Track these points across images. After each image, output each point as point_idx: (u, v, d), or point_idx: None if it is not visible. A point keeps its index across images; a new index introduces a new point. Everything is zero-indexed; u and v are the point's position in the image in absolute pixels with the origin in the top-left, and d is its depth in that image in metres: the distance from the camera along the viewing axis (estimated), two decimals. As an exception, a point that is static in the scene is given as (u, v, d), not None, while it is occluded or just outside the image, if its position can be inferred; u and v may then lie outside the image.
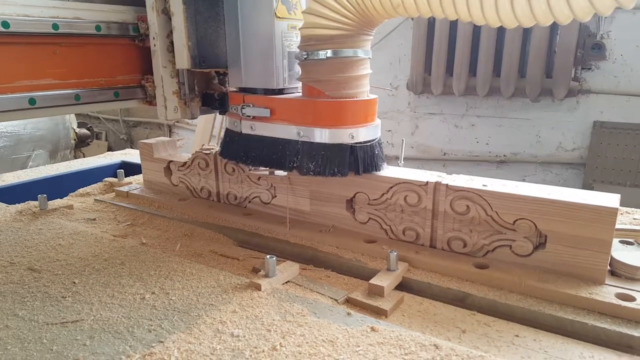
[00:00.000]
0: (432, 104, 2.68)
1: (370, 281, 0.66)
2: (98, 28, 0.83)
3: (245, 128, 0.84)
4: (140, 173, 1.20)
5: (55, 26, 0.78)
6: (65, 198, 1.13)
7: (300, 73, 0.79)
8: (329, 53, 0.72)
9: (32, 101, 0.79)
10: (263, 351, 0.52)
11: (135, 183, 1.18)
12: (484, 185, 0.70)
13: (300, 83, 0.81)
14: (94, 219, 0.98)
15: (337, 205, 0.84)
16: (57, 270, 0.73)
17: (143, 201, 1.06)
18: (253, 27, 0.79)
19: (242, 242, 0.87)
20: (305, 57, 0.75)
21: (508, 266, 0.68)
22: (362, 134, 0.76)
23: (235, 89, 0.88)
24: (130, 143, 4.66)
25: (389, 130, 2.86)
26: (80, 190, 1.18)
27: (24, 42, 0.77)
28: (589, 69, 2.27)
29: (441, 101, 2.66)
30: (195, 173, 1.02)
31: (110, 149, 4.60)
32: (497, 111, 2.56)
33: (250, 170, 0.93)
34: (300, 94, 0.81)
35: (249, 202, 0.96)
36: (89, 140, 3.42)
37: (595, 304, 0.60)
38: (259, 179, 0.92)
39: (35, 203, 1.01)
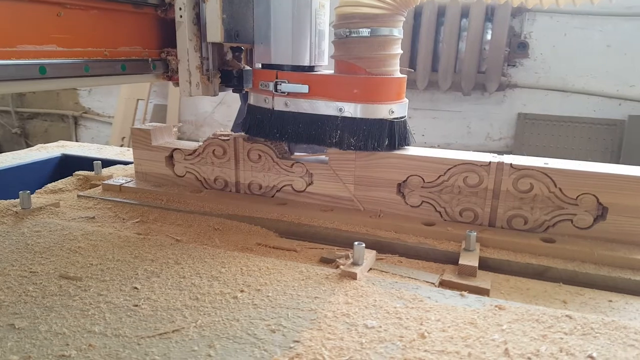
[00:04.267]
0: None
1: (460, 262, 0.66)
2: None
3: (279, 105, 0.81)
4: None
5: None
6: (33, 195, 0.95)
7: (333, 51, 0.79)
8: (371, 31, 0.74)
9: (42, 70, 0.65)
10: (414, 339, 0.48)
11: (118, 176, 1.04)
12: (545, 164, 0.74)
13: (327, 61, 0.82)
14: (94, 217, 0.84)
15: (387, 189, 0.82)
16: (102, 276, 0.61)
17: (144, 195, 0.93)
18: (289, 4, 0.78)
19: (285, 233, 0.80)
20: (347, 34, 0.75)
21: (571, 239, 0.72)
22: (398, 109, 0.79)
23: (259, 66, 0.84)
24: (25, 138, 4.07)
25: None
26: (49, 185, 1.01)
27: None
28: (514, 65, 2.50)
29: (381, 94, 2.74)
30: (208, 162, 0.93)
31: (-1, 145, 3.98)
32: (433, 104, 2.71)
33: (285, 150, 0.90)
34: (331, 71, 0.81)
35: (278, 191, 0.89)
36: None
37: (662, 267, 0.66)
38: (292, 165, 0.86)
39: (13, 201, 0.84)
